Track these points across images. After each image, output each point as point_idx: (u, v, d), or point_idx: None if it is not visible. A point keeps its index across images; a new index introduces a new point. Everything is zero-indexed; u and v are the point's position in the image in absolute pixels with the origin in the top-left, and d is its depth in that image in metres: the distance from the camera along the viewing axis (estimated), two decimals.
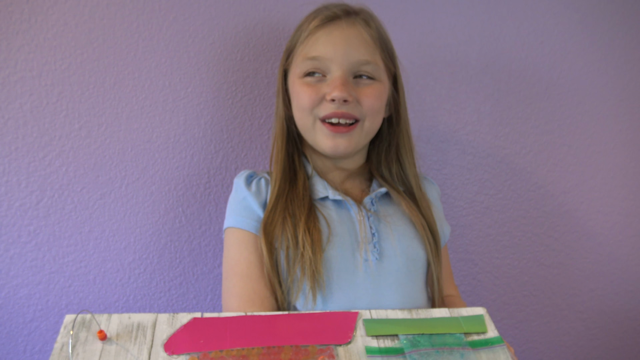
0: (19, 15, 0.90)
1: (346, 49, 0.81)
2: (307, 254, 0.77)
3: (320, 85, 0.82)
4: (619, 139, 1.15)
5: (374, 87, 0.83)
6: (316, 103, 0.82)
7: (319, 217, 0.82)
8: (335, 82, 0.80)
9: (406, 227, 0.85)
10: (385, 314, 0.70)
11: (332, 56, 0.81)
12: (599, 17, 1.08)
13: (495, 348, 0.66)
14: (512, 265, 1.21)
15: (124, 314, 0.67)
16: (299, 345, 0.64)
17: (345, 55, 0.81)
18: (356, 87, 0.82)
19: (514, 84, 1.10)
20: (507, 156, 1.14)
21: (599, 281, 1.24)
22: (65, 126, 0.96)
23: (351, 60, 0.81)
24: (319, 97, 0.81)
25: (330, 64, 0.81)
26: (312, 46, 0.82)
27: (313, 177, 0.87)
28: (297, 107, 0.85)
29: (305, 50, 0.83)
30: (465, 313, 0.71)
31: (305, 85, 0.82)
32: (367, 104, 0.82)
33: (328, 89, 0.81)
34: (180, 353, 0.62)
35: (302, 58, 0.83)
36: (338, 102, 0.80)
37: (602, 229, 1.20)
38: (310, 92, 0.81)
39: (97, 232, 1.01)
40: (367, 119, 0.83)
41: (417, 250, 0.84)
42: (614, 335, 1.29)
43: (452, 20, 1.05)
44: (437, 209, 0.92)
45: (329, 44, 0.81)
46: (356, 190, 0.89)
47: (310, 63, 0.82)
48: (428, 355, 0.63)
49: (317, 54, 0.81)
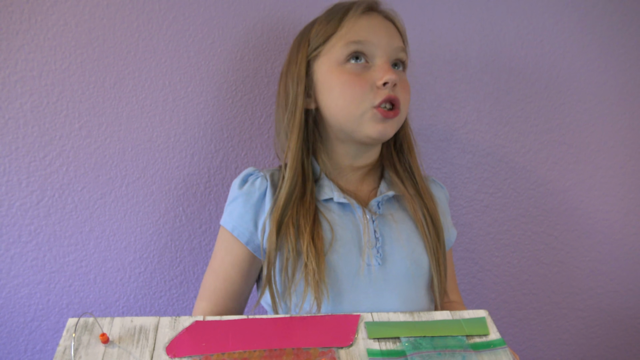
0: (19, 15, 0.90)
1: (387, 36, 0.82)
2: (310, 265, 0.76)
3: (367, 73, 0.81)
4: (619, 138, 1.16)
5: (406, 79, 0.86)
6: (367, 92, 0.80)
7: (322, 223, 0.81)
8: (384, 66, 0.80)
9: (411, 232, 0.84)
10: (387, 317, 0.70)
11: (377, 41, 0.81)
12: (598, 16, 1.08)
13: (497, 350, 0.66)
14: (512, 264, 1.21)
15: (126, 317, 0.67)
16: (301, 347, 0.64)
17: (388, 42, 0.82)
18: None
19: (513, 82, 1.10)
20: (507, 155, 1.14)
21: (599, 279, 1.24)
22: (66, 126, 0.96)
23: (393, 46, 0.82)
24: (369, 85, 0.80)
25: (374, 49, 0.81)
26: (352, 30, 0.82)
27: (321, 179, 0.86)
28: (343, 96, 0.81)
29: (348, 36, 0.82)
30: (467, 315, 0.71)
31: (353, 74, 0.80)
32: (403, 92, 0.83)
33: (377, 74, 0.80)
34: (182, 356, 0.62)
35: (346, 42, 0.81)
36: (390, 86, 0.80)
37: (602, 227, 1.21)
38: (360, 82, 0.80)
39: (98, 232, 1.01)
40: (403, 107, 0.83)
41: (421, 255, 0.83)
42: (613, 334, 1.29)
43: (452, 19, 1.05)
44: (444, 213, 0.90)
45: (374, 29, 0.82)
46: (363, 193, 0.87)
47: (355, 46, 0.81)
48: (430, 358, 0.63)
49: (362, 38, 0.81)
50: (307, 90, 0.85)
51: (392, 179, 0.88)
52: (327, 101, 0.83)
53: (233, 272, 0.85)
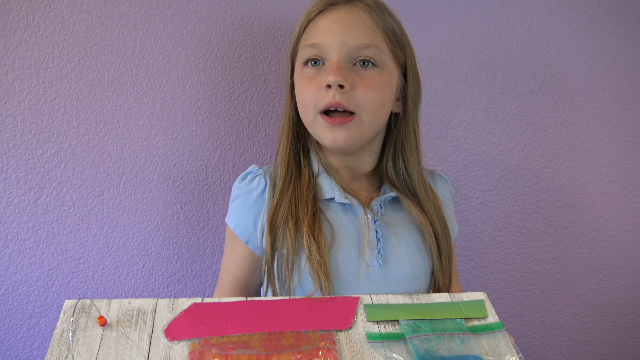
0: (16, 13, 0.91)
1: (343, 33, 0.76)
2: (314, 258, 0.76)
3: (319, 75, 0.78)
4: (613, 136, 1.17)
5: (375, 78, 0.78)
6: (315, 95, 0.77)
7: (322, 222, 0.80)
8: (331, 67, 0.76)
9: (412, 234, 0.83)
10: (386, 299, 0.71)
11: (329, 42, 0.76)
12: (593, 15, 1.09)
13: (495, 333, 0.66)
14: (507, 260, 1.22)
15: (123, 300, 0.66)
16: (300, 331, 0.64)
17: (342, 40, 0.76)
18: (355, 75, 0.77)
19: (508, 81, 1.11)
20: (502, 152, 1.15)
21: (592, 276, 1.26)
22: (64, 123, 0.96)
23: (349, 45, 0.76)
24: (317, 88, 0.77)
25: (328, 50, 0.77)
26: (310, 33, 0.79)
27: (320, 175, 0.84)
28: (300, 103, 0.81)
29: (305, 39, 0.80)
30: (465, 298, 0.71)
31: (305, 78, 0.79)
32: (364, 95, 0.76)
33: (325, 76, 0.76)
34: (181, 339, 0.62)
35: (303, 46, 0.80)
36: (334, 88, 0.75)
37: (596, 224, 1.22)
38: (309, 86, 0.78)
39: (96, 229, 1.01)
40: (363, 112, 0.77)
41: (422, 258, 0.83)
42: (607, 329, 1.31)
43: (447, 18, 1.06)
44: (447, 208, 0.89)
45: (327, 30, 0.77)
46: (365, 192, 0.86)
47: (310, 50, 0.78)
48: (429, 341, 0.64)
49: (315, 40, 0.78)
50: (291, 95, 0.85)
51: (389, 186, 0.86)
52: (297, 104, 0.83)
53: (236, 269, 0.86)
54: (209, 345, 0.61)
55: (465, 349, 0.63)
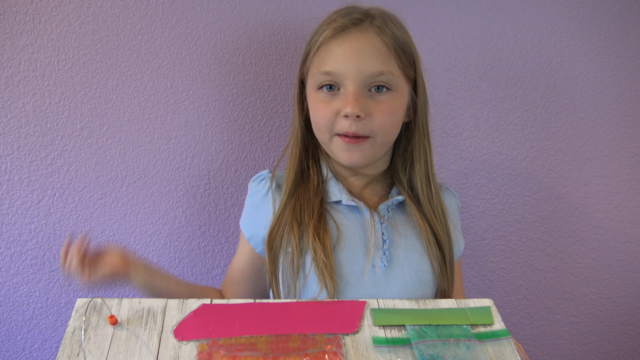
0: (23, 15, 0.91)
1: (358, 62, 0.78)
2: (319, 259, 0.77)
3: (335, 101, 0.80)
4: (614, 146, 1.17)
5: (389, 102, 0.80)
6: (331, 120, 0.80)
7: (328, 221, 0.81)
8: (348, 97, 0.78)
9: (416, 240, 0.84)
10: (393, 304, 0.71)
11: (344, 70, 0.78)
12: (596, 26, 1.10)
13: (501, 340, 0.66)
14: (507, 269, 1.22)
15: (134, 299, 0.68)
16: (307, 334, 0.65)
17: (357, 69, 0.78)
18: (370, 101, 0.80)
19: (511, 90, 1.11)
20: (504, 161, 1.15)
21: (592, 286, 1.26)
22: (67, 126, 0.97)
23: (364, 73, 0.78)
24: (333, 114, 0.80)
25: (343, 79, 0.79)
26: (324, 59, 0.81)
27: (329, 181, 0.86)
28: (314, 122, 0.84)
29: (318, 63, 0.82)
30: (472, 304, 0.72)
31: (320, 102, 0.81)
32: (379, 120, 0.79)
33: (342, 104, 0.79)
34: (189, 339, 0.63)
35: (316, 72, 0.81)
36: (351, 118, 0.78)
37: (596, 234, 1.22)
38: (325, 111, 0.80)
39: (98, 232, 1.02)
40: (378, 135, 0.81)
41: (426, 264, 0.83)
42: (606, 340, 1.30)
43: (450, 27, 1.06)
44: (454, 223, 0.90)
45: (341, 57, 0.79)
46: (375, 197, 0.88)
47: (325, 77, 0.80)
48: (434, 347, 0.64)
49: (330, 68, 0.79)
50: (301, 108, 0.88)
51: (400, 188, 0.88)
52: (312, 122, 0.86)
53: (238, 264, 0.91)
54: (217, 346, 0.62)
55: (470, 356, 0.63)
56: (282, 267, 0.81)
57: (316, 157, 0.89)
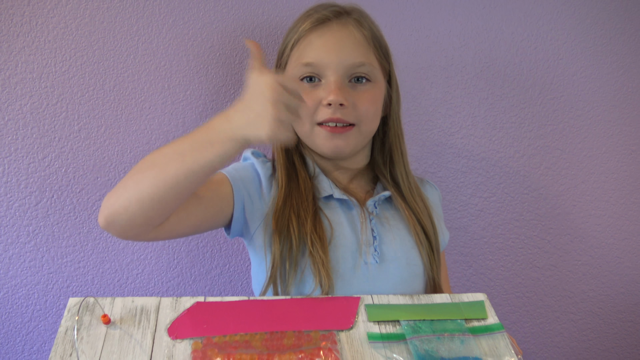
0: (20, 17, 0.91)
1: (339, 53, 0.80)
2: (316, 253, 0.78)
3: (316, 90, 0.82)
4: (611, 143, 1.17)
5: (370, 91, 0.83)
6: (313, 110, 0.81)
7: (322, 219, 0.82)
8: (331, 86, 0.80)
9: (406, 232, 0.86)
10: (387, 299, 0.71)
11: (327, 61, 0.80)
12: (592, 24, 1.10)
13: (495, 334, 0.67)
14: (506, 267, 1.22)
15: (127, 298, 0.67)
16: (302, 331, 0.64)
17: (339, 59, 0.80)
18: (352, 91, 0.82)
19: (508, 88, 1.11)
20: (501, 159, 1.16)
21: (591, 283, 1.26)
22: (65, 128, 0.97)
23: (345, 64, 0.81)
24: (315, 103, 0.81)
25: (325, 69, 0.81)
26: (305, 51, 0.82)
27: (318, 176, 0.87)
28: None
29: (298, 55, 0.83)
30: (466, 299, 0.72)
31: (303, 93, 0.79)
32: (363, 108, 0.82)
33: (324, 93, 0.81)
34: (183, 338, 0.62)
35: (296, 64, 0.82)
36: (334, 106, 0.80)
37: (594, 231, 1.22)
38: (308, 100, 0.80)
39: (96, 233, 1.02)
40: (362, 123, 0.83)
41: (416, 256, 0.84)
42: (605, 337, 1.31)
43: (447, 26, 1.07)
44: (436, 214, 0.92)
45: (322, 49, 0.81)
46: (361, 192, 0.89)
47: (306, 69, 0.82)
48: (429, 342, 0.64)
49: (311, 59, 0.81)
50: None
51: (384, 183, 0.90)
52: None
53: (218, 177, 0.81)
54: (212, 344, 0.61)
55: (465, 350, 0.64)
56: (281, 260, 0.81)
57: (299, 153, 0.89)
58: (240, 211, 0.81)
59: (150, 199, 0.65)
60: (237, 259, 1.10)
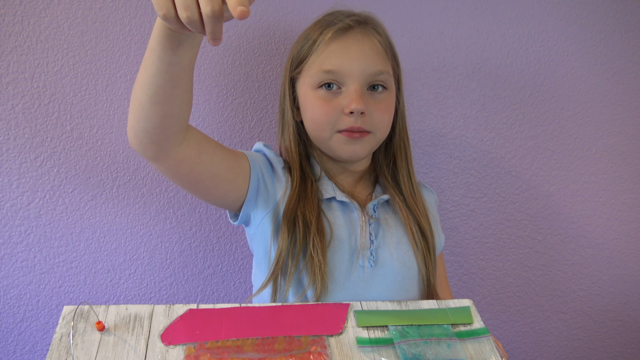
0: (11, 17, 0.91)
1: (362, 62, 0.81)
2: (316, 256, 0.79)
3: (337, 99, 0.82)
4: (601, 145, 1.18)
5: (386, 100, 0.85)
6: (334, 117, 0.82)
7: (323, 221, 0.83)
8: (352, 95, 0.81)
9: (403, 234, 0.86)
10: (376, 305, 0.73)
11: (348, 69, 0.81)
12: (583, 25, 1.11)
13: (481, 339, 0.68)
14: (497, 267, 1.23)
15: (121, 305, 0.68)
16: (292, 335, 0.66)
17: (361, 68, 0.81)
18: (371, 99, 0.83)
19: (499, 89, 1.12)
20: (493, 160, 1.16)
21: (581, 282, 1.27)
22: (57, 128, 0.96)
23: (367, 72, 0.81)
24: (336, 111, 0.82)
25: (345, 77, 0.81)
26: (327, 59, 0.82)
27: (321, 179, 0.88)
28: (313, 120, 0.84)
29: (319, 62, 0.83)
30: (452, 304, 0.74)
31: (322, 99, 0.83)
32: (379, 118, 0.83)
33: (345, 101, 0.81)
34: (176, 343, 0.64)
35: (317, 70, 0.82)
36: (356, 115, 0.81)
37: (584, 231, 1.23)
38: (327, 108, 0.82)
39: (88, 233, 1.02)
40: (378, 131, 0.84)
41: (411, 259, 0.85)
42: (595, 336, 1.32)
43: (440, 27, 1.07)
44: (433, 218, 0.92)
45: (345, 57, 0.81)
46: (363, 194, 0.90)
47: (327, 76, 0.82)
48: (416, 346, 0.66)
49: (333, 67, 0.81)
50: (296, 103, 0.89)
51: (385, 185, 0.91)
52: (304, 120, 0.87)
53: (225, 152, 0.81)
54: (204, 350, 0.62)
55: (451, 354, 0.65)
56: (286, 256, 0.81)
57: (307, 156, 0.91)
58: (254, 190, 0.82)
59: (147, 100, 0.67)
60: (229, 259, 1.10)
